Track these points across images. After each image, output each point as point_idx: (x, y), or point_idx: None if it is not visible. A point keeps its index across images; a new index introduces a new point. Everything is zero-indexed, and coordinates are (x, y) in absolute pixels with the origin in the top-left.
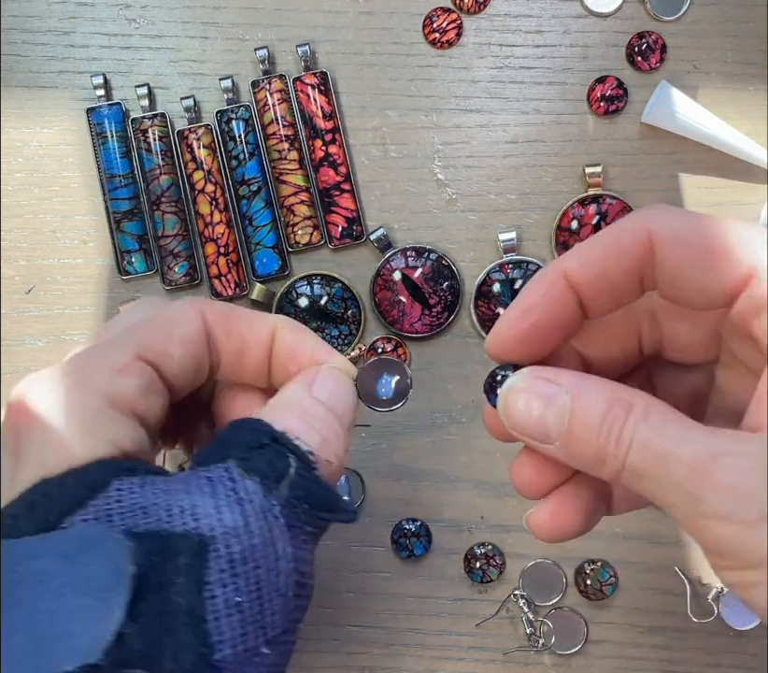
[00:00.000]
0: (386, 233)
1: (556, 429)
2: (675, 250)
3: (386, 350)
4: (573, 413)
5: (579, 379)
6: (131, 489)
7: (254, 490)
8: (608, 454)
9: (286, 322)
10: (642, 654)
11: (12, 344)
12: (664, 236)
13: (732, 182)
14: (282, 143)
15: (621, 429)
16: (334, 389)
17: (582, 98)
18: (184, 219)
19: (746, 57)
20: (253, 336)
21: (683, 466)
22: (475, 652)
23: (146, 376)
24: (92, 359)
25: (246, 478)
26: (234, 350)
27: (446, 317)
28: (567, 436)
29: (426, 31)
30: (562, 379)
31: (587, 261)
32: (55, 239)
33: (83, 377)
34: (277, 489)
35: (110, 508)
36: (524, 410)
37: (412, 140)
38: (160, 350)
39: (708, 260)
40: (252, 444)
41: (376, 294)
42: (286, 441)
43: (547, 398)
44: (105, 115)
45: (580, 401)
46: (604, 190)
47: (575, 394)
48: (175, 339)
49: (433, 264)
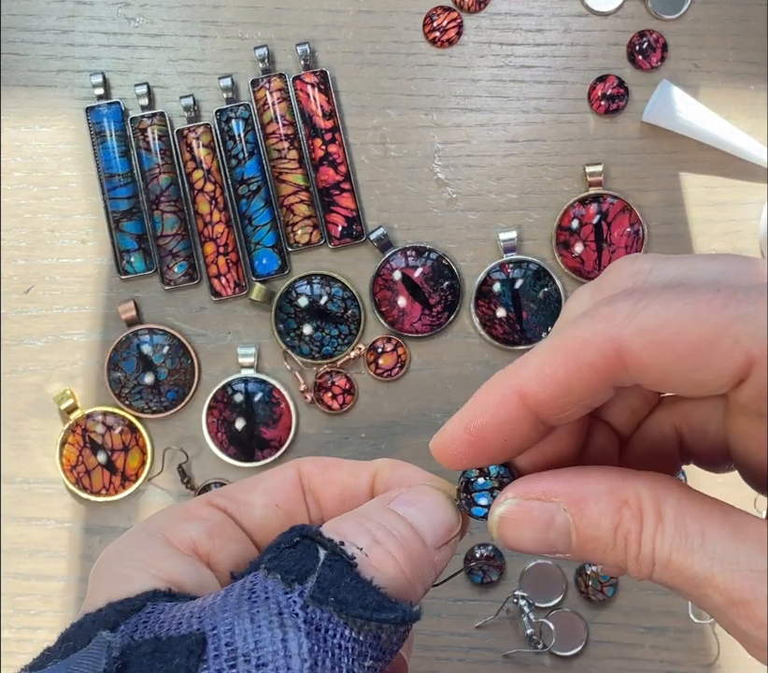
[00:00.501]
0: (386, 232)
1: (563, 547)
2: (650, 355)
3: (386, 350)
4: (578, 531)
5: (574, 487)
6: (161, 609)
7: (273, 587)
8: (630, 568)
9: (387, 460)
10: (642, 655)
11: (11, 344)
12: (634, 342)
13: (732, 181)
14: (282, 142)
15: (639, 546)
16: (417, 501)
17: (583, 97)
18: (183, 218)
19: (748, 56)
20: (353, 483)
21: (720, 596)
22: (475, 653)
23: (213, 519)
24: (165, 510)
25: (268, 578)
26: (334, 498)
27: (446, 317)
28: (578, 550)
29: (426, 30)
30: (555, 493)
31: (547, 379)
32: (54, 239)
33: (149, 524)
34: (300, 584)
35: (136, 628)
36: (523, 538)
37: (412, 139)
38: (239, 499)
39: (695, 357)
40: (283, 544)
41: (376, 294)
42: (315, 535)
43: (544, 523)
44: (104, 114)
45: (584, 518)
46: (605, 189)
47: (575, 511)
48: (259, 489)
49: (433, 264)
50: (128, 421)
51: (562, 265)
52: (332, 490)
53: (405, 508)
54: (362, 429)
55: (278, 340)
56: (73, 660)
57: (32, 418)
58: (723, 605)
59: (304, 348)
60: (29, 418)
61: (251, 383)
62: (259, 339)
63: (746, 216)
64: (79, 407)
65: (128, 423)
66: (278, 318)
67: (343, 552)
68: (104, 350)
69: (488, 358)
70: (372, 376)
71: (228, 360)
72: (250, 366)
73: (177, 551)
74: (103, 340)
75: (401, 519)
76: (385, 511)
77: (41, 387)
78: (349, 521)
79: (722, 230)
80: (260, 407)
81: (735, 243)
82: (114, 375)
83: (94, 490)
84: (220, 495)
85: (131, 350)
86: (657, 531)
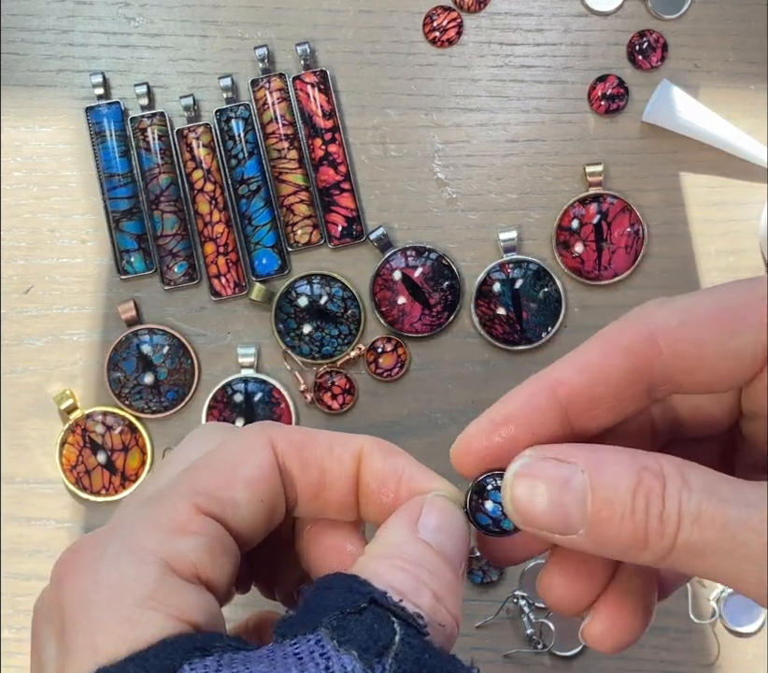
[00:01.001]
0: (386, 232)
1: (578, 515)
2: (686, 329)
3: (386, 350)
4: (595, 493)
5: (593, 452)
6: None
7: (352, 668)
8: (651, 534)
9: (374, 443)
10: (642, 655)
11: (11, 344)
12: (669, 322)
13: (733, 181)
14: (282, 142)
15: (663, 501)
16: (442, 524)
17: (583, 97)
18: (183, 218)
19: (748, 56)
20: (334, 466)
21: (758, 536)
22: (475, 653)
23: (210, 533)
24: (146, 516)
25: (341, 652)
26: (312, 483)
27: (446, 317)
28: (593, 520)
29: (426, 29)
30: (573, 455)
31: (581, 364)
32: (54, 239)
33: (136, 540)
34: (379, 663)
35: None
36: (536, 501)
37: (412, 139)
38: (224, 497)
39: (730, 323)
40: (348, 609)
41: (376, 294)
42: (388, 604)
43: (560, 481)
44: (104, 114)
45: (601, 477)
46: (605, 189)
47: (592, 471)
48: (240, 482)
49: (433, 264)
50: (128, 421)
51: (562, 265)
52: (310, 475)
53: (435, 536)
54: (362, 429)
55: (278, 340)
56: None
57: (32, 418)
58: (760, 547)
59: (304, 348)
60: (29, 418)
61: (251, 383)
62: (259, 339)
63: (746, 216)
64: (79, 407)
65: (128, 423)
66: (278, 318)
67: (417, 624)
68: (104, 350)
69: (488, 358)
70: (372, 376)
71: (228, 360)
72: (250, 366)
73: (182, 581)
74: (103, 340)
75: (439, 557)
76: (423, 549)
77: (41, 387)
78: (398, 572)
79: (722, 230)
80: (260, 407)
81: (735, 243)
82: (114, 375)
83: (94, 490)
84: (204, 495)
85: (131, 350)
86: (683, 486)
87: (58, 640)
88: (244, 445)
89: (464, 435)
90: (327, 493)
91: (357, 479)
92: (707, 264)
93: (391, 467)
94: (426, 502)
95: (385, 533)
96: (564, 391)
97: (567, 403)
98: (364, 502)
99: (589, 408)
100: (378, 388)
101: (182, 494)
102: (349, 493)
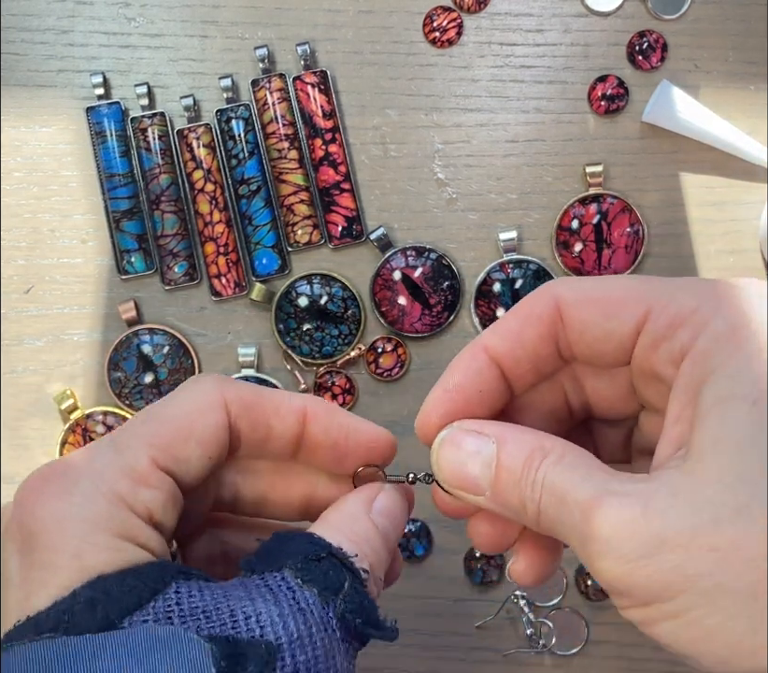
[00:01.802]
0: (386, 232)
1: (484, 478)
2: (577, 306)
3: (386, 350)
4: (498, 461)
5: (505, 428)
6: (189, 592)
7: (313, 601)
8: (527, 499)
9: (316, 403)
10: (643, 655)
11: (11, 344)
12: (567, 297)
13: (733, 181)
14: (282, 142)
15: (536, 473)
16: (390, 511)
17: (583, 97)
18: (183, 218)
19: (748, 56)
20: (279, 424)
21: (578, 508)
22: (475, 653)
23: (165, 489)
24: (111, 463)
25: (304, 588)
26: (257, 438)
27: (446, 317)
28: (494, 484)
29: (426, 30)
30: (489, 429)
31: (504, 333)
32: (54, 239)
33: (105, 484)
34: (333, 601)
35: (170, 610)
36: (455, 462)
37: (412, 139)
38: (179, 455)
39: (609, 309)
40: (309, 556)
41: (376, 294)
42: (342, 557)
43: (474, 449)
44: (104, 114)
45: (505, 449)
46: (605, 189)
47: (500, 443)
48: (194, 440)
49: (433, 264)
50: None
51: (562, 265)
52: (257, 432)
53: (381, 519)
54: None
55: (279, 340)
56: (165, 664)
57: (32, 418)
58: (578, 518)
59: (304, 347)
60: (29, 418)
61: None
62: (259, 339)
63: (746, 216)
64: (80, 407)
65: None
66: (278, 318)
67: (363, 578)
68: (104, 349)
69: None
70: (372, 376)
71: (228, 360)
72: (251, 366)
73: (143, 522)
74: (103, 340)
75: (382, 540)
76: (373, 530)
77: (41, 387)
78: (348, 541)
79: (722, 230)
80: None
81: (735, 243)
82: (114, 375)
83: None
84: (161, 450)
85: (131, 350)
86: (553, 463)
87: (22, 557)
88: (200, 402)
89: (424, 407)
90: (270, 445)
91: (298, 436)
92: (707, 265)
93: (336, 425)
94: (383, 490)
95: (343, 506)
96: (493, 354)
97: (500, 363)
98: (309, 453)
99: (514, 367)
100: (378, 388)
101: (143, 446)
102: (289, 445)
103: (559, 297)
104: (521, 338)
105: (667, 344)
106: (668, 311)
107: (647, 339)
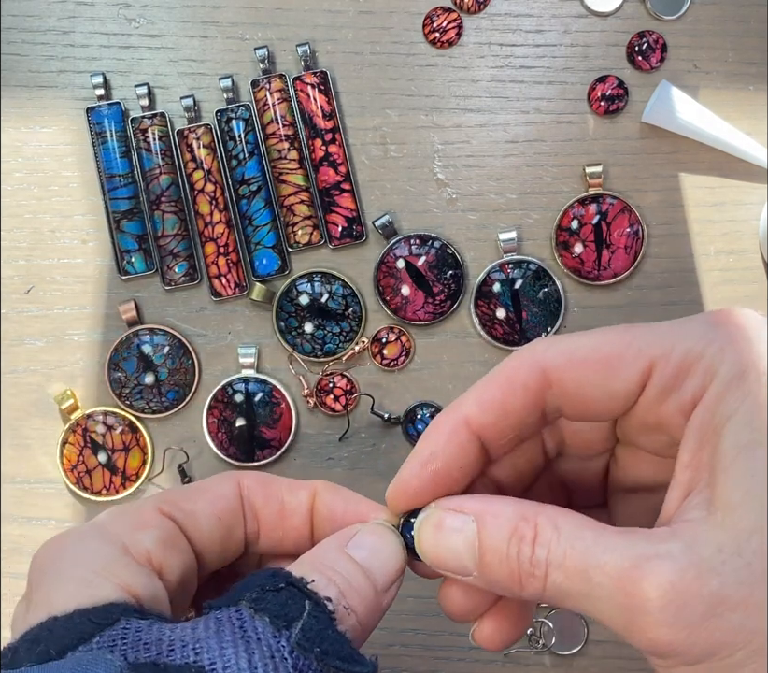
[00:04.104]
0: (390, 220)
1: (469, 559)
2: (569, 370)
3: (389, 339)
4: (481, 541)
5: (484, 504)
6: (138, 628)
7: (263, 629)
8: (525, 576)
9: (325, 483)
10: (642, 655)
11: (12, 344)
12: (556, 361)
13: (732, 182)
14: (282, 142)
15: (533, 549)
16: (373, 545)
17: (582, 98)
18: (184, 218)
19: (747, 56)
20: (292, 499)
21: (609, 579)
22: (475, 653)
23: (165, 528)
24: (117, 515)
25: (256, 618)
26: (273, 514)
27: (448, 306)
28: (480, 563)
29: (426, 30)
30: (467, 506)
31: (486, 404)
32: (54, 239)
33: (104, 528)
34: (287, 630)
35: (114, 643)
36: (437, 547)
37: (412, 140)
38: (185, 507)
39: (607, 369)
40: (267, 587)
41: (379, 281)
42: (301, 585)
43: (455, 530)
44: (104, 114)
45: (486, 526)
46: (605, 189)
47: (480, 521)
48: (202, 499)
49: (437, 252)
50: (128, 421)
51: (562, 266)
52: (272, 506)
53: (361, 552)
54: (363, 429)
55: (280, 339)
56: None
57: (32, 418)
58: (613, 589)
59: (306, 346)
60: (29, 418)
61: (252, 383)
62: (259, 339)
63: (746, 216)
64: (80, 407)
65: (128, 423)
66: (279, 316)
67: (325, 606)
68: (104, 350)
69: (488, 358)
70: (378, 367)
71: (228, 360)
72: (251, 366)
73: (135, 562)
74: (103, 340)
75: (358, 568)
76: (345, 559)
77: (42, 387)
78: (317, 573)
79: (722, 230)
80: (260, 407)
81: (735, 243)
82: (114, 375)
83: (95, 490)
84: (168, 503)
85: (131, 350)
86: (553, 535)
87: (27, 598)
88: (213, 479)
89: (398, 480)
90: (286, 524)
91: (312, 514)
92: (707, 265)
93: (339, 498)
94: (365, 526)
95: (315, 548)
96: (476, 428)
97: (481, 435)
98: (318, 534)
99: (497, 438)
100: (378, 388)
101: (153, 501)
102: (305, 526)
103: (545, 363)
104: (505, 409)
105: (676, 394)
106: (673, 361)
107: (653, 392)
